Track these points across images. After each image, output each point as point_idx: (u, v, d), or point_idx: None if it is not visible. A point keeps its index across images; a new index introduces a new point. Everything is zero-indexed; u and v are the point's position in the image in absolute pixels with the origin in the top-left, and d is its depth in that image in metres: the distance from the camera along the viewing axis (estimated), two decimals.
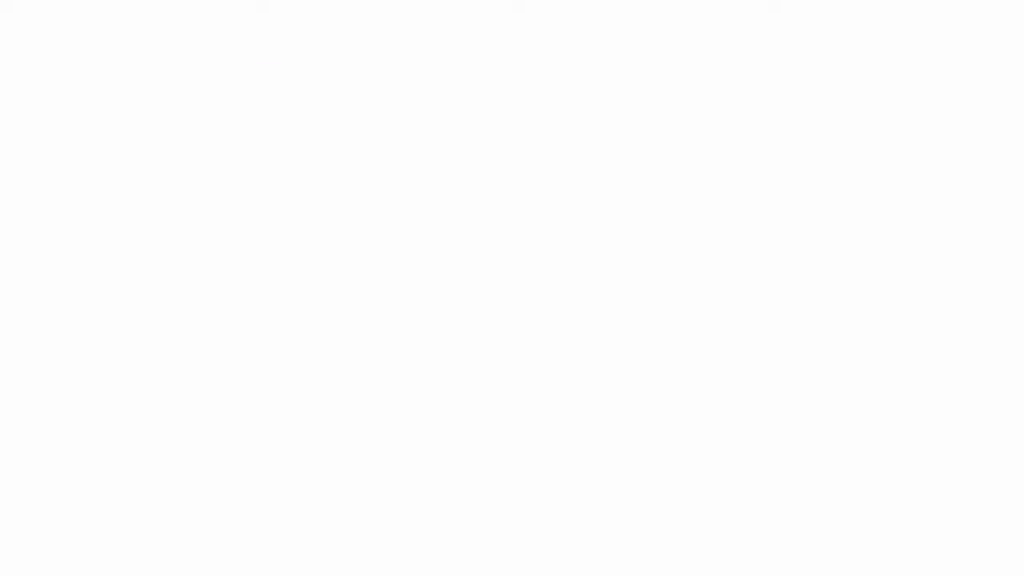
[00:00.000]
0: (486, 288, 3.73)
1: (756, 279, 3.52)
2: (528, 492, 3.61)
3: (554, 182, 3.67)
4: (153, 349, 3.54)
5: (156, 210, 3.56)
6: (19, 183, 3.56)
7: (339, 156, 3.70)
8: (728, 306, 3.51)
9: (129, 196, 3.56)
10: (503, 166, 3.73)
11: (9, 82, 3.55)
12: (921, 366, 3.54)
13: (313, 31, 3.55)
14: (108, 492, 3.52)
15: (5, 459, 3.54)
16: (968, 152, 3.54)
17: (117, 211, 3.55)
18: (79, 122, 3.54)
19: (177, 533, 3.48)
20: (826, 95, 3.51)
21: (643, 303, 3.55)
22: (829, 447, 3.53)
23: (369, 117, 3.70)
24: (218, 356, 3.54)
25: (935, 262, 3.54)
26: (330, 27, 3.55)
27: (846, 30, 3.51)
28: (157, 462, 3.52)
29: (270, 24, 3.54)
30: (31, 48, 3.54)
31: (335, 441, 3.58)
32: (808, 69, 3.51)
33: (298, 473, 3.62)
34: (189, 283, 3.55)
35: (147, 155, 3.55)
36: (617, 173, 3.58)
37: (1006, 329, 3.54)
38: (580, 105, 3.52)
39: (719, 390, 3.52)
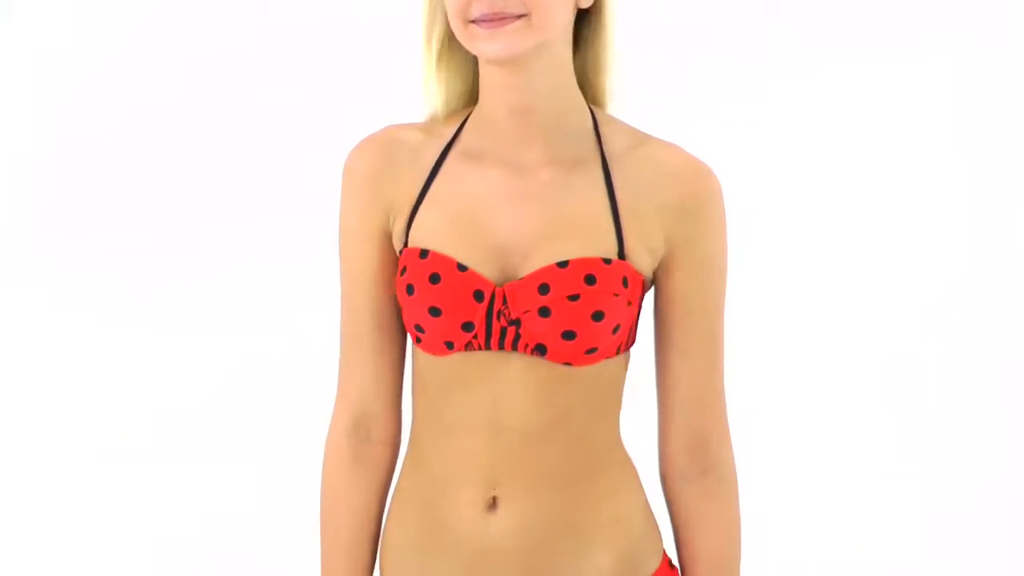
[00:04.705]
0: None
1: (753, 280, 3.52)
2: None
3: None
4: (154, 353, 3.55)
5: (156, 210, 3.57)
6: (19, 183, 3.57)
7: (338, 156, 3.70)
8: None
9: (129, 196, 3.57)
10: None
11: (9, 82, 3.56)
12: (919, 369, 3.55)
13: (313, 31, 3.55)
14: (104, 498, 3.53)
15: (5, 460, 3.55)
16: (970, 156, 3.54)
17: (117, 211, 3.56)
18: (78, 122, 3.55)
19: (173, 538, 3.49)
20: (826, 98, 3.51)
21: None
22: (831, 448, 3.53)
23: (368, 117, 3.70)
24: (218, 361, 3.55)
25: (935, 265, 3.54)
26: (329, 27, 3.55)
27: (846, 32, 3.51)
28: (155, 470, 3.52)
29: (270, 24, 3.55)
30: (30, 48, 3.55)
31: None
32: (807, 71, 3.51)
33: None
34: (188, 284, 3.56)
35: (147, 155, 3.56)
36: None
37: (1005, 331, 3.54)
38: None
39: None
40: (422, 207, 1.55)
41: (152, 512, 3.53)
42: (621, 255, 1.50)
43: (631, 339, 1.58)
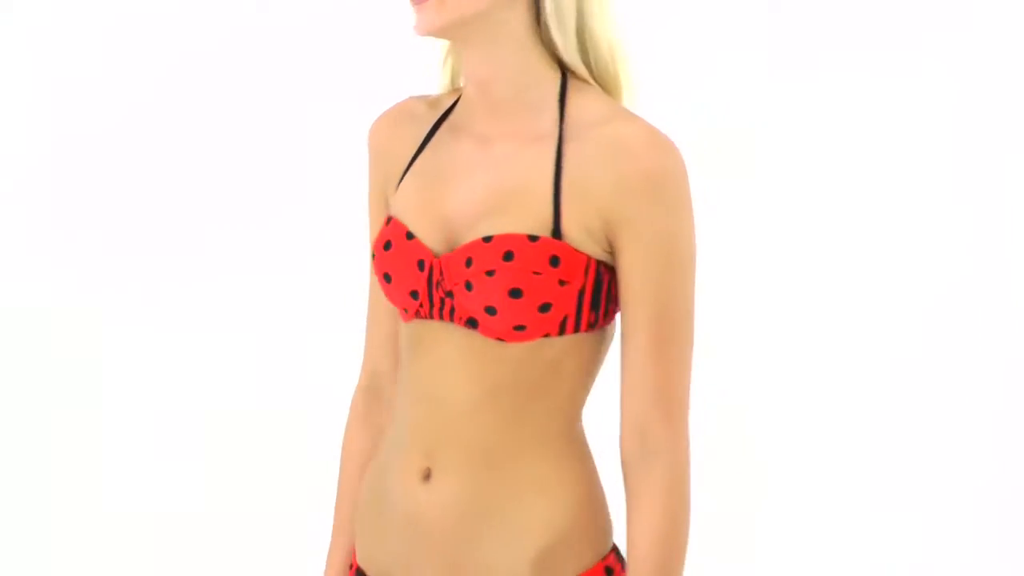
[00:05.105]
0: None
1: (753, 280, 3.52)
2: None
3: None
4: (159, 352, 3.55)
5: (156, 210, 3.58)
6: (19, 184, 3.58)
7: (339, 156, 3.71)
8: (727, 307, 3.51)
9: (129, 196, 3.57)
10: None
11: (9, 82, 3.57)
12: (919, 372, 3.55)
13: (313, 31, 3.56)
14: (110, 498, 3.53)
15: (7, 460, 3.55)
16: (971, 157, 3.54)
17: (117, 211, 3.57)
18: (77, 122, 3.56)
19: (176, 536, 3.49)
20: (826, 96, 3.51)
21: None
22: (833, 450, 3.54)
23: (368, 117, 3.71)
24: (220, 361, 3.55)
25: (934, 264, 3.55)
26: (329, 27, 3.56)
27: (847, 31, 3.52)
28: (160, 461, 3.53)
29: (270, 24, 3.56)
30: (30, 48, 3.56)
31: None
32: (808, 70, 3.51)
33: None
34: (189, 284, 3.56)
35: (146, 155, 3.57)
36: None
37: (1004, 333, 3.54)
38: None
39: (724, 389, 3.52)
40: (406, 176, 1.58)
41: (157, 509, 3.53)
42: (556, 233, 1.45)
43: (586, 321, 1.50)
